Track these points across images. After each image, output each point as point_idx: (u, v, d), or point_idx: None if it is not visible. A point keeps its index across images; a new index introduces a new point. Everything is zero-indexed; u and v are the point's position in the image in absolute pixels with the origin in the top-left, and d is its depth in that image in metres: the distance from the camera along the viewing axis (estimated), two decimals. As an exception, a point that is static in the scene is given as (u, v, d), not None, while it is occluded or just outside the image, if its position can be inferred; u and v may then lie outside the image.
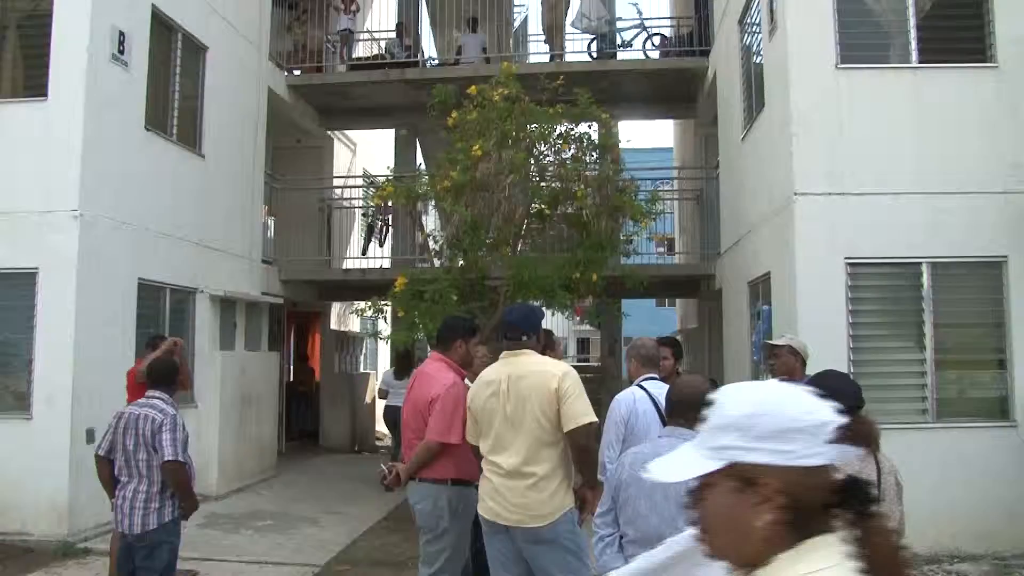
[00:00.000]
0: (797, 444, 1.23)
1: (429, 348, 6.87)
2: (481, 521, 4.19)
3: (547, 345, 5.30)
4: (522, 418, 4.02)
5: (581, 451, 3.99)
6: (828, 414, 1.27)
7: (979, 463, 7.23)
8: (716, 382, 3.53)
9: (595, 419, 4.13)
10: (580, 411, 4.00)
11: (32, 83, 8.37)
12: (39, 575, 6.89)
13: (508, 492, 4.02)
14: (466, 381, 5.03)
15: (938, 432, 7.29)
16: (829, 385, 3.26)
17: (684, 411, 3.25)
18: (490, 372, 4.27)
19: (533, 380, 4.05)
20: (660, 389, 4.40)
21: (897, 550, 1.30)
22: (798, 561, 1.22)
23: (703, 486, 1.31)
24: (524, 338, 4.26)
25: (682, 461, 1.31)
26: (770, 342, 5.21)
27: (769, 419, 1.25)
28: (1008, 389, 7.44)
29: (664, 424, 3.38)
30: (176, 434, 4.74)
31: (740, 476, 1.26)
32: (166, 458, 4.66)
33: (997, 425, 7.39)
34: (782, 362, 5.06)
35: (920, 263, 7.52)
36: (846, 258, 7.49)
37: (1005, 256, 7.46)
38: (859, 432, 3.05)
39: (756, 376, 9.35)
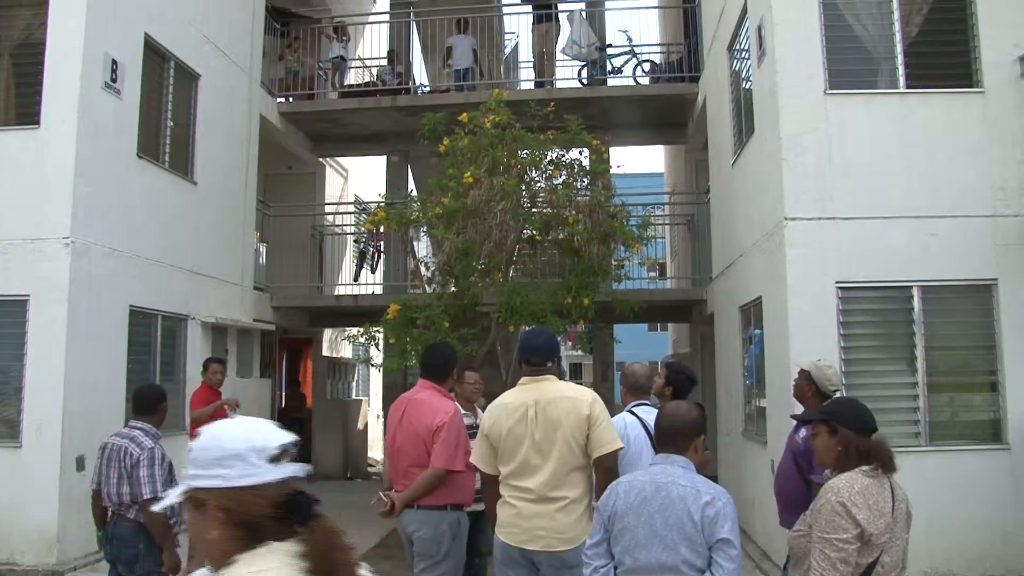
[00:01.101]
0: (233, 469, 1.51)
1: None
2: (497, 549, 4.11)
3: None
4: (552, 443, 3.97)
5: (611, 474, 3.96)
6: (266, 440, 1.55)
7: (972, 486, 7.22)
8: (703, 407, 3.51)
9: (622, 445, 4.13)
10: (610, 438, 4.00)
11: (24, 110, 8.40)
12: (27, 606, 6.82)
13: (536, 516, 3.96)
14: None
15: (931, 455, 7.28)
16: (849, 407, 3.36)
17: (673, 438, 3.24)
18: (511, 397, 4.20)
19: (565, 406, 4.01)
20: (651, 415, 4.39)
21: (343, 555, 1.54)
22: (248, 564, 1.48)
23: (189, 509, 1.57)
24: (549, 363, 4.23)
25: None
26: (798, 362, 5.17)
27: (210, 451, 1.53)
28: (1000, 412, 7.44)
29: (656, 450, 3.37)
30: (154, 469, 4.68)
31: (196, 499, 1.54)
32: (144, 496, 4.62)
33: (990, 448, 7.39)
34: (795, 385, 5.03)
35: (911, 287, 7.54)
36: (837, 282, 7.51)
37: (995, 279, 7.50)
38: (877, 455, 3.09)
39: (749, 400, 9.35)
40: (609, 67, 13.78)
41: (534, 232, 9.35)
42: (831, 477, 3.22)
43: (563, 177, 9.32)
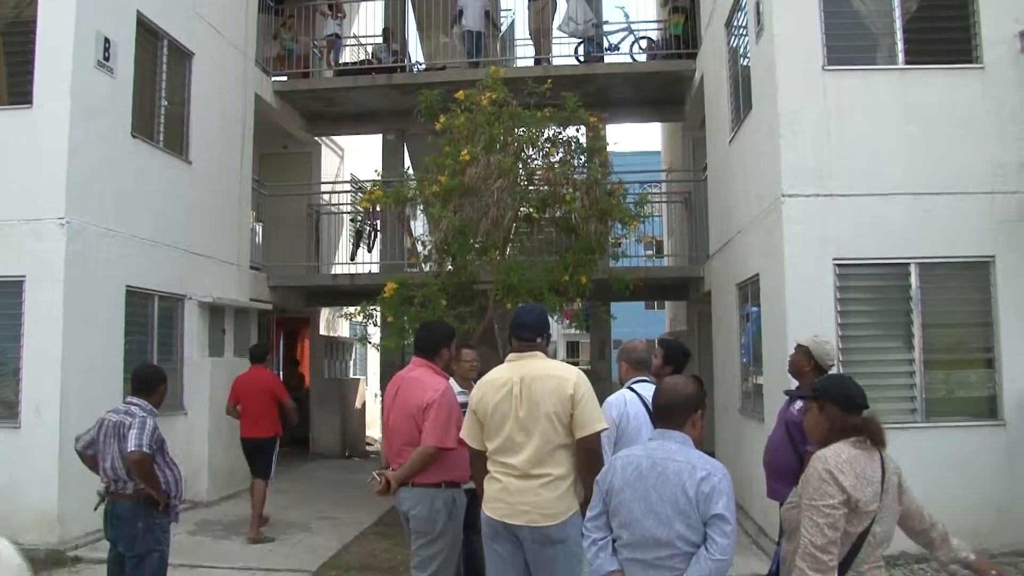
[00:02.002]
0: None
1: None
2: (484, 523, 4.14)
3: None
4: (535, 420, 3.98)
5: (592, 456, 3.97)
6: None
7: (968, 462, 7.26)
8: (701, 381, 3.52)
9: (607, 426, 4.13)
10: (594, 418, 4.00)
11: (16, 90, 8.32)
12: (28, 585, 6.85)
13: (520, 491, 3.98)
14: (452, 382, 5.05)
15: (927, 431, 7.32)
16: (835, 384, 3.39)
17: (670, 414, 3.26)
18: (499, 373, 4.21)
19: (549, 383, 4.02)
20: (650, 391, 4.39)
21: None
22: None
23: None
24: (538, 339, 4.24)
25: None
26: (796, 338, 5.22)
27: None
28: (996, 388, 7.48)
29: (655, 426, 3.38)
30: (143, 431, 4.70)
31: None
32: (130, 448, 4.64)
33: (985, 424, 7.43)
34: (793, 360, 5.10)
35: (908, 263, 7.55)
36: (834, 259, 7.51)
37: (992, 256, 7.51)
38: (867, 431, 3.12)
39: (746, 378, 9.37)
40: (606, 44, 13.69)
41: (531, 210, 9.33)
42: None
43: (560, 155, 9.29)
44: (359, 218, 15.04)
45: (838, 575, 3.00)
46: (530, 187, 9.23)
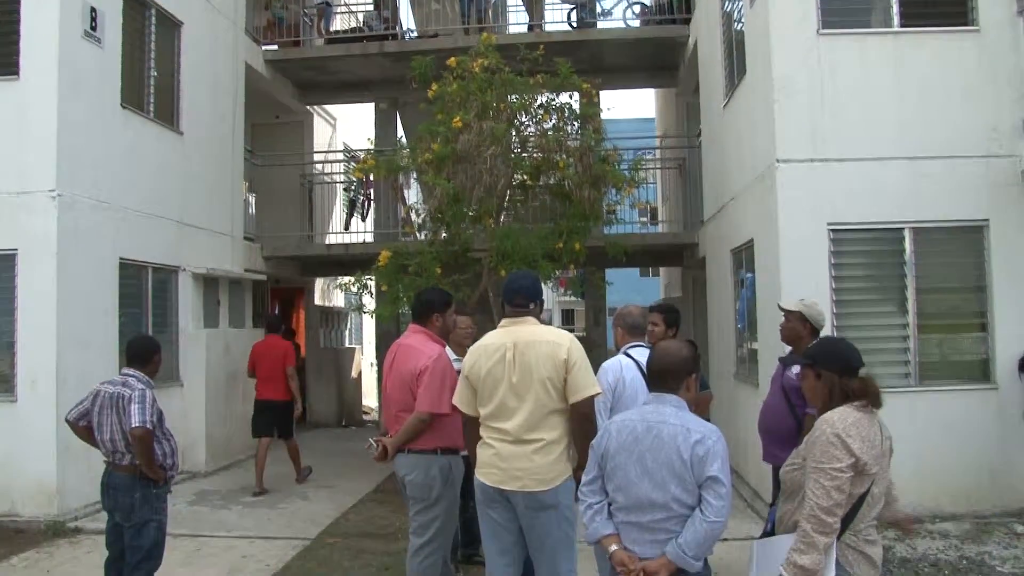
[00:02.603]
0: None
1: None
2: (477, 489, 4.17)
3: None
4: (528, 386, 4.00)
5: (586, 420, 3.99)
6: None
7: (961, 425, 7.32)
8: (695, 345, 3.53)
9: (600, 390, 4.15)
10: (588, 383, 4.02)
11: (2, 61, 8.21)
12: (31, 554, 6.89)
13: (512, 457, 4.00)
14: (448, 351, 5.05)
15: (920, 395, 7.36)
16: (830, 350, 3.38)
17: (665, 378, 3.28)
18: (492, 339, 4.22)
19: (542, 349, 4.03)
20: (646, 356, 4.41)
21: None
22: None
23: None
24: (531, 305, 4.25)
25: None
26: (781, 304, 5.17)
27: None
28: (989, 352, 7.52)
29: (649, 390, 3.39)
30: (145, 404, 4.70)
31: None
32: (134, 424, 4.65)
33: (978, 387, 7.48)
34: (788, 327, 5.03)
35: (902, 228, 7.55)
36: (829, 224, 7.51)
37: (986, 220, 7.51)
38: (864, 394, 3.13)
39: (741, 344, 9.40)
40: (599, 9, 13.58)
41: (525, 177, 9.30)
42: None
43: (553, 121, 9.24)
44: (352, 187, 14.97)
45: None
46: (523, 154, 9.19)
